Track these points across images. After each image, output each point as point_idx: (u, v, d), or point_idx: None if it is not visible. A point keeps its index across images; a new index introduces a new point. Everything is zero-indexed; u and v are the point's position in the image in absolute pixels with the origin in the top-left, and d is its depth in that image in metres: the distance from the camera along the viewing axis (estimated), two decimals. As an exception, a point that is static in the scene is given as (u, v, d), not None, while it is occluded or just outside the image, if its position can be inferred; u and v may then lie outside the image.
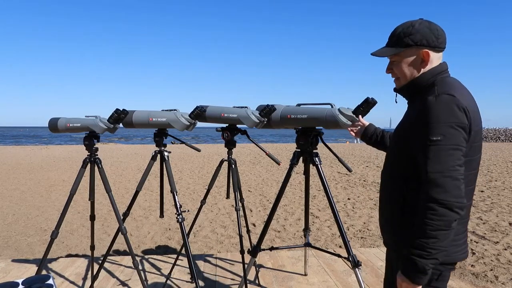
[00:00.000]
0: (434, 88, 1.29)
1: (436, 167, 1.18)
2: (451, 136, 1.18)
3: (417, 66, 1.37)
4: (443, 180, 1.16)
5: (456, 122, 1.19)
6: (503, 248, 4.57)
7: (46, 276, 1.58)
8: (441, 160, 1.17)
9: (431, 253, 1.17)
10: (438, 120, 1.19)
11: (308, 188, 2.89)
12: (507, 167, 13.30)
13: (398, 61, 1.39)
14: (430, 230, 1.16)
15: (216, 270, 3.42)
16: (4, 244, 5.00)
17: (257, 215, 6.44)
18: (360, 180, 10.29)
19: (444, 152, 1.18)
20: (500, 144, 32.56)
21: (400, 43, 1.36)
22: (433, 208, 1.16)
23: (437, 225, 1.16)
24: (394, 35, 1.38)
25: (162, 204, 3.06)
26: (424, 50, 1.34)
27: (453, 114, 1.19)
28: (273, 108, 2.44)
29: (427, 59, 1.35)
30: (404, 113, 1.51)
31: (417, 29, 1.33)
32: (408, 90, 1.41)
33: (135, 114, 2.73)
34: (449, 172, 1.17)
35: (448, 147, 1.18)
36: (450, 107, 1.20)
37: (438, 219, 1.16)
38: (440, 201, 1.15)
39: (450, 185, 1.16)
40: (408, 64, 1.37)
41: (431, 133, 1.19)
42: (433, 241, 1.17)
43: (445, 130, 1.18)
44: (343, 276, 3.25)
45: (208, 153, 19.89)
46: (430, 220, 1.16)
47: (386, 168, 1.50)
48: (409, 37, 1.33)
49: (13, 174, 11.68)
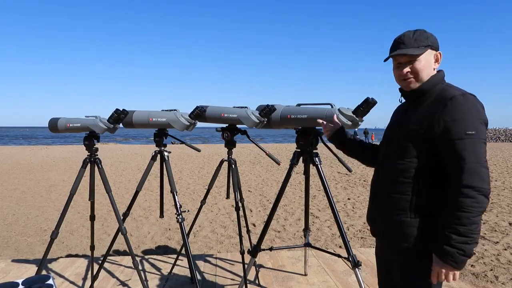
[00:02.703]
0: (451, 89, 1.39)
1: (474, 157, 1.28)
2: (481, 131, 1.30)
3: (431, 67, 1.47)
4: (479, 170, 1.27)
5: (483, 119, 1.33)
6: (503, 248, 4.57)
7: (46, 276, 1.58)
8: (476, 151, 1.28)
9: (473, 237, 1.26)
10: (470, 115, 1.30)
11: (308, 188, 2.89)
12: (507, 167, 13.31)
13: (419, 61, 1.45)
14: (472, 217, 1.25)
15: (216, 270, 3.42)
16: (4, 244, 5.01)
17: (257, 215, 6.45)
18: (360, 180, 10.29)
19: (478, 144, 1.29)
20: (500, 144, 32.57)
21: (423, 44, 1.45)
22: (473, 196, 1.25)
23: (477, 211, 1.25)
24: (411, 38, 1.45)
25: (162, 204, 3.06)
26: (439, 51, 1.48)
27: (480, 111, 1.33)
28: (273, 108, 2.44)
29: (440, 60, 1.49)
30: (403, 113, 1.55)
31: (430, 34, 1.47)
32: (418, 92, 1.48)
33: (135, 114, 2.73)
34: (484, 162, 1.29)
35: (481, 140, 1.30)
36: (477, 106, 1.33)
37: (478, 206, 1.25)
38: (479, 188, 1.26)
39: (485, 174, 1.28)
40: (427, 63, 1.46)
41: (467, 127, 1.29)
42: (475, 226, 1.26)
43: (477, 125, 1.30)
44: (343, 276, 3.25)
45: (208, 153, 19.89)
46: (471, 207, 1.25)
47: (387, 163, 1.51)
48: (427, 39, 1.45)
49: (13, 174, 11.68)
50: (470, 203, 1.25)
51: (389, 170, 1.51)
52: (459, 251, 1.26)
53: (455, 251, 1.27)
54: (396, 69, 1.51)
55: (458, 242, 1.26)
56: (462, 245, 1.26)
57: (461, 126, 1.29)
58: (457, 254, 1.27)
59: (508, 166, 13.62)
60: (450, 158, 1.32)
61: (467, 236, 1.25)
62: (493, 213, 6.35)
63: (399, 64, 1.49)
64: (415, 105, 1.49)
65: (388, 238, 1.53)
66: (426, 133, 1.38)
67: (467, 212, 1.25)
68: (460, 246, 1.26)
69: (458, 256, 1.27)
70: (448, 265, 1.29)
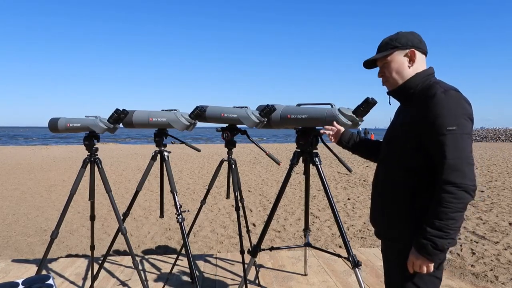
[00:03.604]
0: (435, 86, 1.39)
1: (454, 153, 1.29)
2: (464, 126, 1.31)
3: (405, 65, 1.50)
4: (460, 165, 1.28)
5: (466, 113, 1.32)
6: (503, 248, 4.57)
7: (46, 276, 1.58)
8: (458, 147, 1.29)
9: (449, 233, 1.28)
10: (451, 111, 1.31)
11: (308, 188, 2.89)
12: (507, 167, 13.31)
13: (387, 63, 1.51)
14: (450, 212, 1.27)
15: (216, 270, 3.42)
16: (4, 244, 5.01)
17: (257, 215, 6.44)
18: (360, 180, 10.29)
19: (460, 140, 1.29)
20: (500, 144, 32.57)
21: (388, 47, 1.51)
22: (452, 192, 1.27)
23: (455, 207, 1.27)
24: (381, 44, 1.55)
25: (162, 204, 3.06)
26: (411, 49, 1.49)
27: (463, 107, 1.33)
28: (273, 108, 2.44)
29: (414, 58, 1.48)
30: (399, 113, 1.58)
31: (401, 35, 1.51)
32: (402, 92, 1.51)
33: (135, 114, 2.73)
34: (466, 158, 1.29)
35: (463, 135, 1.30)
36: (459, 101, 1.33)
37: (457, 202, 1.27)
38: (459, 184, 1.27)
39: (467, 170, 1.28)
40: (398, 64, 1.50)
41: (447, 123, 1.30)
42: (451, 222, 1.27)
43: (458, 120, 1.30)
44: (343, 276, 3.25)
45: (208, 153, 19.89)
46: (449, 203, 1.27)
47: (387, 164, 1.54)
48: (395, 41, 1.50)
49: (13, 174, 11.68)
50: (448, 199, 1.27)
51: (389, 170, 1.52)
52: (432, 244, 1.29)
53: (428, 244, 1.30)
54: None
55: (432, 235, 1.29)
56: (435, 239, 1.29)
57: (441, 122, 1.31)
58: (430, 246, 1.30)
59: (508, 166, 13.62)
60: (434, 155, 1.35)
61: (442, 231, 1.28)
62: (493, 213, 6.35)
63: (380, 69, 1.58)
64: (406, 105, 1.52)
65: (389, 238, 1.54)
66: (413, 133, 1.41)
67: (445, 208, 1.27)
68: (433, 239, 1.29)
69: (430, 249, 1.30)
70: (422, 256, 1.33)
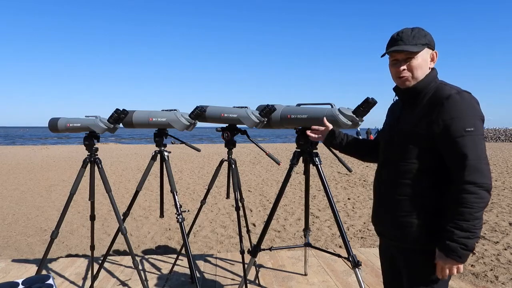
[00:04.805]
0: (446, 87, 1.40)
1: (474, 154, 1.30)
2: (479, 127, 1.33)
3: (427, 65, 1.46)
4: (480, 166, 1.29)
5: (479, 115, 1.34)
6: (503, 248, 4.57)
7: (46, 276, 1.58)
8: (477, 148, 1.30)
9: (476, 232, 1.29)
10: (467, 113, 1.32)
11: (308, 188, 2.89)
12: (507, 167, 13.30)
13: (416, 59, 1.43)
14: (474, 212, 1.27)
15: (216, 270, 3.42)
16: (4, 244, 5.00)
17: (257, 215, 6.44)
18: (360, 180, 10.29)
19: (478, 141, 1.31)
20: (500, 144, 32.57)
21: (421, 42, 1.42)
22: (475, 192, 1.27)
23: (479, 207, 1.28)
24: (409, 36, 1.42)
25: (162, 204, 3.06)
26: (435, 51, 1.47)
27: (477, 108, 1.35)
28: (273, 108, 2.44)
29: (436, 60, 1.47)
30: (399, 112, 1.54)
31: (427, 32, 1.45)
32: (415, 91, 1.46)
33: (135, 114, 2.73)
34: (484, 158, 1.31)
35: (480, 136, 1.32)
36: (473, 103, 1.34)
37: (480, 201, 1.28)
38: (480, 184, 1.28)
39: (486, 170, 1.30)
40: (424, 62, 1.44)
41: (465, 125, 1.31)
42: (477, 222, 1.28)
43: (475, 122, 1.32)
44: (343, 276, 3.25)
45: (208, 153, 19.89)
46: (473, 203, 1.27)
47: (392, 164, 1.50)
48: (425, 37, 1.44)
49: (13, 174, 11.68)
50: (472, 199, 1.27)
51: (391, 172, 1.50)
52: (462, 245, 1.29)
53: (458, 246, 1.29)
54: (392, 66, 1.48)
55: (460, 237, 1.28)
56: (465, 240, 1.28)
57: (460, 124, 1.31)
58: (460, 248, 1.29)
59: (508, 166, 13.62)
60: (451, 156, 1.34)
61: (470, 231, 1.28)
62: (493, 213, 6.35)
63: (396, 61, 1.46)
64: (411, 105, 1.48)
65: (392, 237, 1.53)
66: (426, 134, 1.38)
67: (469, 208, 1.27)
68: (463, 241, 1.28)
69: (460, 251, 1.29)
70: (451, 259, 1.32)
